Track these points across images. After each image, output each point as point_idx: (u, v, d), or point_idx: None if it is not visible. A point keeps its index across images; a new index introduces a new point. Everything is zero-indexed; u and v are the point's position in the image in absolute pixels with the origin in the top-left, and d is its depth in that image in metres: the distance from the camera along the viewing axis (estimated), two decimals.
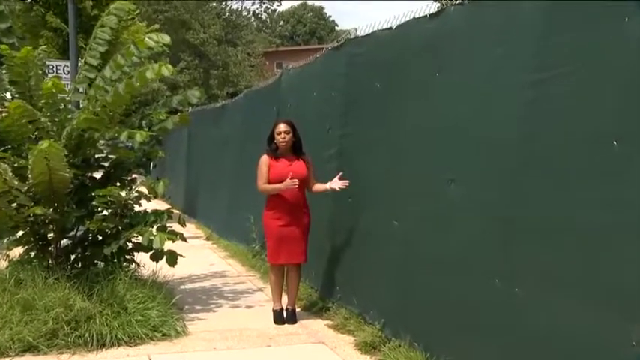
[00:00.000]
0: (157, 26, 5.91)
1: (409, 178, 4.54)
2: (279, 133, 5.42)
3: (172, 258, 5.53)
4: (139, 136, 5.35)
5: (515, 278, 3.38)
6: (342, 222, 5.61)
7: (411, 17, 4.56)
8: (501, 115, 3.57)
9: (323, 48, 6.60)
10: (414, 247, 4.42)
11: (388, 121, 4.90)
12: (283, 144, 5.41)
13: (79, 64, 7.08)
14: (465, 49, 3.95)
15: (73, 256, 5.78)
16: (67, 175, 5.16)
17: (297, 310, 5.70)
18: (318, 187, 5.47)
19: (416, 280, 4.38)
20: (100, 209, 5.71)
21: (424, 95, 4.39)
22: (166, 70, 5.19)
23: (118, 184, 5.95)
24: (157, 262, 5.62)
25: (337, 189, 5.29)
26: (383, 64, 5.00)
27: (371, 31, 5.23)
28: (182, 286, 6.83)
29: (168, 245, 5.50)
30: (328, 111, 6.04)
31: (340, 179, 5.31)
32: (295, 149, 5.49)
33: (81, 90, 6.04)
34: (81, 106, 6.08)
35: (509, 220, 3.45)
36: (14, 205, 5.20)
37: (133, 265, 5.85)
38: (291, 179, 5.22)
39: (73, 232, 5.79)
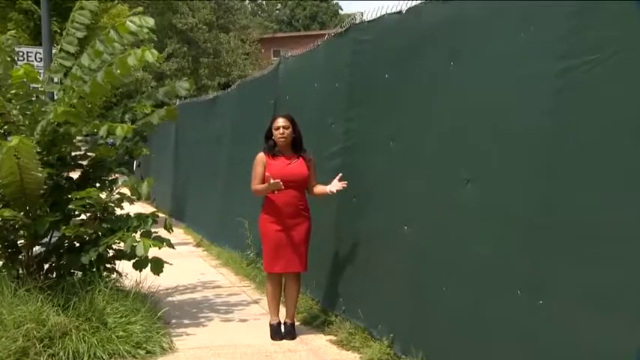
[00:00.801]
0: (140, 9, 5.88)
1: (420, 178, 4.53)
2: (278, 129, 5.42)
3: (158, 266, 5.53)
4: (121, 131, 5.33)
5: (539, 290, 3.37)
6: (346, 226, 5.61)
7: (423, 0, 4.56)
8: (525, 107, 3.55)
9: (325, 34, 6.59)
10: (427, 255, 4.42)
11: (397, 115, 4.89)
12: (282, 140, 5.40)
13: (54, 51, 7.06)
14: (483, 34, 3.94)
15: (46, 265, 5.78)
16: (40, 174, 5.15)
17: (297, 324, 5.69)
18: (319, 189, 5.46)
19: (429, 292, 4.37)
20: (77, 213, 5.71)
21: (438, 87, 4.39)
22: (150, 55, 5.17)
23: (98, 184, 5.95)
24: (140, 271, 5.61)
25: (335, 191, 5.28)
26: (392, 52, 4.99)
27: (378, 15, 5.23)
28: (169, 298, 6.83)
29: (153, 252, 5.49)
30: (331, 104, 6.04)
31: (340, 180, 5.29)
32: (295, 146, 5.49)
33: (56, 80, 6.04)
34: (55, 97, 6.07)
35: (534, 225, 3.43)
36: None
37: (113, 275, 5.84)
38: (274, 180, 5.19)
39: (46, 239, 5.79)
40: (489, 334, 3.74)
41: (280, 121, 5.44)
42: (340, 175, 5.34)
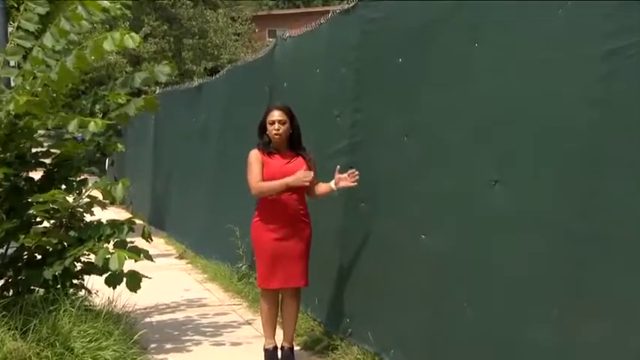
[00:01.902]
0: None
1: (440, 179, 4.53)
2: (273, 123, 5.40)
3: (135, 282, 5.53)
4: (94, 126, 5.31)
5: (580, 310, 3.35)
6: (354, 235, 5.61)
7: None
8: (564, 95, 3.53)
9: (329, 11, 6.58)
10: (447, 268, 4.41)
11: (413, 106, 4.89)
12: (277, 136, 5.39)
13: (10, 30, 7.04)
14: (513, 10, 3.91)
15: (1, 281, 5.76)
16: None
17: (296, 349, 5.69)
18: (322, 189, 5.44)
19: (450, 311, 4.36)
20: (38, 219, 5.70)
21: (460, 72, 4.37)
22: (131, 40, 5.17)
23: (64, 186, 5.95)
24: (114, 287, 5.60)
25: (342, 187, 5.25)
26: (406, 32, 4.99)
27: None
28: (147, 319, 6.85)
29: (129, 266, 5.49)
30: (336, 93, 6.04)
31: (350, 176, 5.25)
32: (293, 143, 5.48)
33: (12, 64, 6.01)
34: (12, 84, 6.05)
35: (574, 233, 3.41)
36: None
37: (81, 293, 5.83)
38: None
39: (2, 250, 5.77)
40: None
41: (275, 115, 5.41)
42: (353, 170, 5.28)
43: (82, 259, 5.74)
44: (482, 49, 4.17)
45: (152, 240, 6.00)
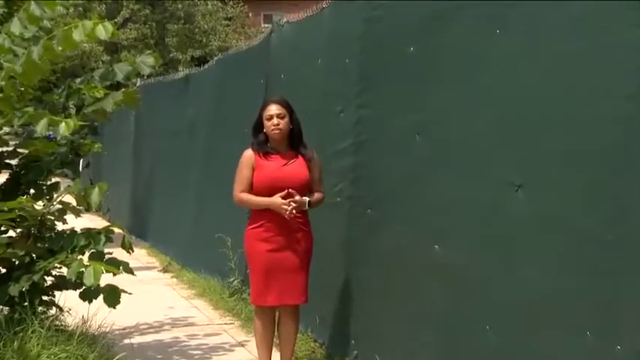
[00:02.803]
0: None
1: (456, 183, 4.53)
2: (271, 118, 5.40)
3: (113, 297, 5.52)
4: (66, 128, 5.29)
5: (617, 331, 3.34)
6: (359, 245, 5.62)
7: None
8: (599, 89, 3.52)
9: None
10: (464, 282, 4.41)
11: (425, 100, 4.89)
12: (276, 133, 5.40)
13: None
14: None
15: None
16: None
17: None
18: (314, 197, 5.49)
19: (467, 332, 4.36)
20: (3, 229, 5.68)
21: (479, 63, 4.37)
22: (104, 30, 5.17)
23: (32, 191, 5.93)
24: (89, 302, 5.58)
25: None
26: (418, 18, 4.99)
27: None
28: (127, 340, 6.82)
29: (106, 280, 5.47)
30: (339, 86, 6.05)
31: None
32: (293, 141, 5.48)
33: None
34: None
35: (609, 245, 3.40)
36: None
37: (52, 311, 5.82)
38: (288, 195, 5.24)
39: None
40: None
41: (273, 109, 5.42)
42: None
43: (53, 272, 5.72)
44: (505, 38, 4.15)
45: (133, 251, 5.99)
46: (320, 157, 5.63)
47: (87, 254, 5.58)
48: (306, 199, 5.34)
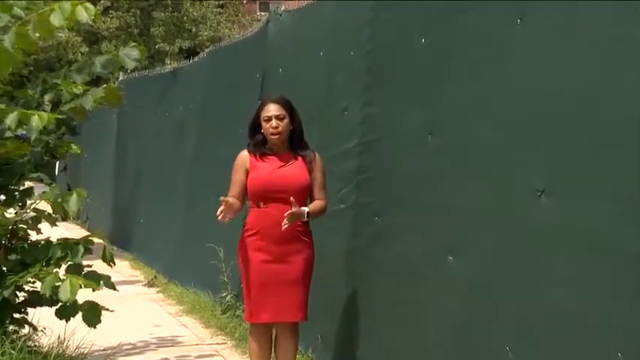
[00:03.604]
0: None
1: (473, 188, 4.52)
2: (269, 119, 5.42)
3: (93, 315, 5.50)
4: (38, 121, 5.30)
5: None
6: (365, 256, 5.62)
7: None
8: (634, 83, 3.49)
9: None
10: (481, 298, 4.40)
11: (440, 97, 4.88)
12: (276, 136, 5.41)
13: None
14: None
15: None
16: None
17: None
18: (313, 206, 5.47)
19: (486, 353, 4.35)
20: None
21: (498, 56, 4.36)
22: (84, 12, 5.15)
23: (3, 197, 5.92)
24: (67, 322, 5.57)
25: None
26: (432, 6, 4.99)
27: None
28: None
29: (85, 296, 5.46)
30: (343, 81, 6.06)
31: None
32: (294, 142, 5.50)
33: None
34: None
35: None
36: None
37: (25, 330, 5.79)
38: (225, 203, 5.22)
39: None
40: None
41: (272, 109, 5.43)
42: None
43: (26, 287, 5.70)
44: (527, 28, 4.14)
45: (115, 264, 5.98)
46: (323, 159, 5.61)
47: (63, 267, 5.56)
48: (305, 209, 5.31)
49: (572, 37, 3.85)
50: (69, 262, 5.60)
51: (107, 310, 5.59)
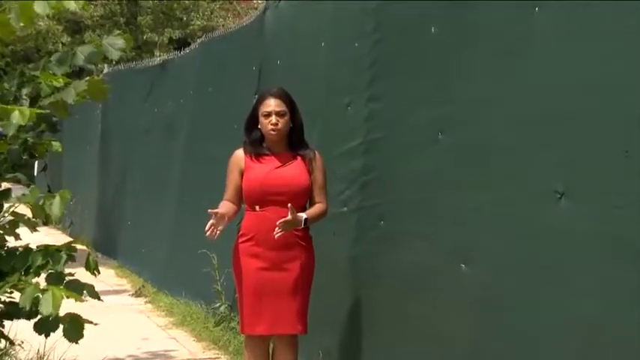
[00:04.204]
0: None
1: (487, 189, 4.52)
2: (268, 115, 5.42)
3: (75, 329, 5.48)
4: (20, 117, 5.30)
5: None
6: (370, 264, 5.62)
7: None
8: None
9: None
10: (498, 311, 4.39)
11: (451, 91, 4.88)
12: (275, 133, 5.42)
13: None
14: None
15: None
16: None
17: None
18: (312, 211, 5.47)
19: None
20: None
21: (516, 47, 4.35)
22: (72, 1, 5.16)
23: None
24: (47, 336, 5.56)
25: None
26: None
27: None
28: None
29: (67, 307, 5.45)
30: (347, 74, 6.07)
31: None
32: (293, 141, 5.51)
33: None
34: None
35: None
36: None
37: (1, 344, 5.78)
38: (215, 215, 5.24)
39: None
40: None
41: (272, 104, 5.43)
42: None
43: (3, 298, 5.71)
44: (547, 15, 4.13)
45: (99, 272, 5.96)
46: (324, 158, 5.63)
47: (44, 275, 5.55)
48: (303, 216, 5.31)
49: (597, 27, 3.85)
50: (50, 271, 5.58)
51: (91, 323, 5.58)
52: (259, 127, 5.45)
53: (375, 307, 5.56)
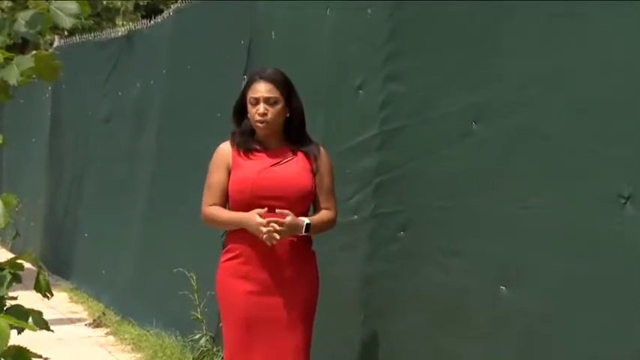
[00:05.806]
0: None
1: (534, 194, 4.53)
2: (256, 102, 5.42)
3: None
4: None
5: None
6: (387, 285, 5.65)
7: None
8: None
9: None
10: (546, 342, 4.39)
11: (487, 71, 4.90)
12: (262, 125, 5.41)
13: None
14: None
15: None
16: None
17: None
18: (318, 217, 5.48)
19: None
20: None
21: (572, 17, 4.34)
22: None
23: None
24: None
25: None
26: None
27: None
28: None
29: (12, 339, 5.47)
30: (359, 49, 6.10)
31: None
32: (291, 133, 5.53)
33: None
34: None
35: None
36: None
37: None
38: (267, 215, 5.21)
39: None
40: None
41: (262, 89, 5.42)
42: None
43: None
44: None
45: (52, 295, 5.98)
46: (330, 153, 5.62)
47: None
48: (305, 220, 5.30)
49: None
50: None
51: (40, 357, 5.61)
52: (247, 117, 5.45)
53: (394, 342, 5.58)
